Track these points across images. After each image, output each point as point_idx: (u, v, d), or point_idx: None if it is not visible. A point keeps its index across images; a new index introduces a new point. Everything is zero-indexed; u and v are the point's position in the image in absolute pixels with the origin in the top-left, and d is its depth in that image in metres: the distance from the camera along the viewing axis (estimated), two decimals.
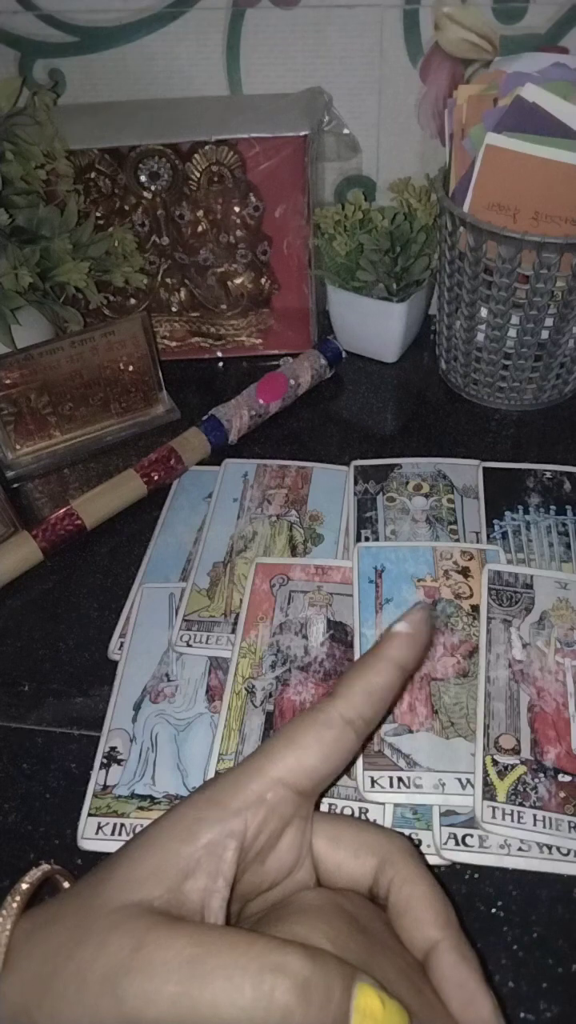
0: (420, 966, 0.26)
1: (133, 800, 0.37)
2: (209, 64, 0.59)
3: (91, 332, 0.54)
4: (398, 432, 0.58)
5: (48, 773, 0.39)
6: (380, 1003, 0.22)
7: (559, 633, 0.41)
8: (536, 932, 0.33)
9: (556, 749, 0.37)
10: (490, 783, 0.35)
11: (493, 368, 0.57)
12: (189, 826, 0.25)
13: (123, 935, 0.22)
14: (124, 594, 0.47)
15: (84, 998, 0.21)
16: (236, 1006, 0.21)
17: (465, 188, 0.50)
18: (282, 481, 0.53)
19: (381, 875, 0.28)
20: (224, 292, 0.62)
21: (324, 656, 0.42)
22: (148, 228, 0.59)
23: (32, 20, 0.58)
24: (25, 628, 0.47)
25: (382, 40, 0.57)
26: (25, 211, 0.53)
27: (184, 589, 0.46)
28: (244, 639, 0.43)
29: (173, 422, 0.60)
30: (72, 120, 0.56)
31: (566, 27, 0.55)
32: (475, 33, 0.55)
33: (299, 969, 0.21)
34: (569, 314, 0.52)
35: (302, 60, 0.58)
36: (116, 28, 0.58)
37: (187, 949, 0.22)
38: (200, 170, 0.56)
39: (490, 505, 0.50)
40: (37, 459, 0.57)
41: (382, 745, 0.37)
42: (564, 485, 0.51)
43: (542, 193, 0.47)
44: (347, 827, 0.29)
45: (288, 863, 0.28)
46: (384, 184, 0.63)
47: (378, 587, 0.44)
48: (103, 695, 0.42)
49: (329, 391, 0.62)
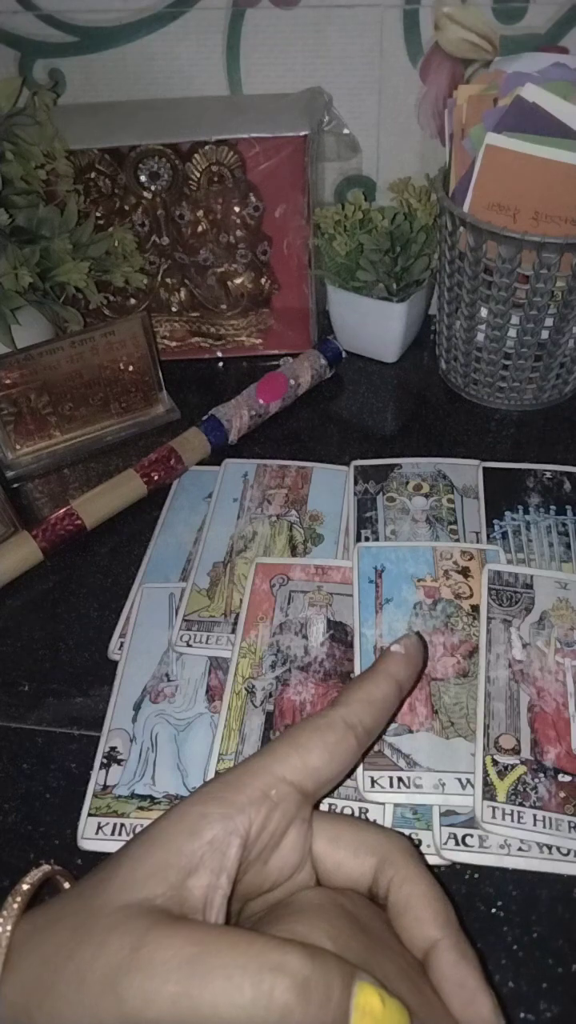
0: (420, 965, 0.26)
1: (133, 800, 0.37)
2: (209, 64, 0.59)
3: (91, 332, 0.54)
4: (398, 432, 0.58)
5: (48, 773, 0.39)
6: (380, 1001, 0.22)
7: (559, 633, 0.41)
8: (536, 932, 0.33)
9: (556, 749, 0.37)
10: (490, 783, 0.35)
11: (493, 368, 0.57)
12: (193, 823, 0.25)
13: (123, 935, 0.22)
14: (124, 594, 0.47)
15: (84, 998, 0.22)
16: (236, 1005, 0.21)
17: (465, 188, 0.50)
18: (282, 481, 0.53)
19: (381, 874, 0.28)
20: (224, 292, 0.62)
21: (324, 656, 0.42)
22: (148, 228, 0.59)
23: (32, 20, 0.58)
24: (25, 628, 0.47)
25: (382, 40, 0.57)
26: (25, 211, 0.53)
27: (184, 589, 0.46)
28: (244, 639, 0.43)
29: (173, 422, 0.60)
30: (72, 120, 0.56)
31: (566, 27, 0.55)
32: (475, 33, 0.55)
33: (298, 968, 0.21)
34: (569, 314, 0.52)
35: (302, 60, 0.58)
36: (116, 28, 0.58)
37: (187, 948, 0.22)
38: (200, 170, 0.56)
39: (490, 505, 0.50)
40: (37, 459, 0.57)
41: (382, 745, 0.37)
42: (564, 485, 0.51)
43: (542, 193, 0.47)
44: (347, 826, 0.29)
45: (290, 864, 0.28)
46: (384, 184, 0.63)
47: (378, 587, 0.44)
48: (103, 695, 0.42)
49: (329, 391, 0.62)
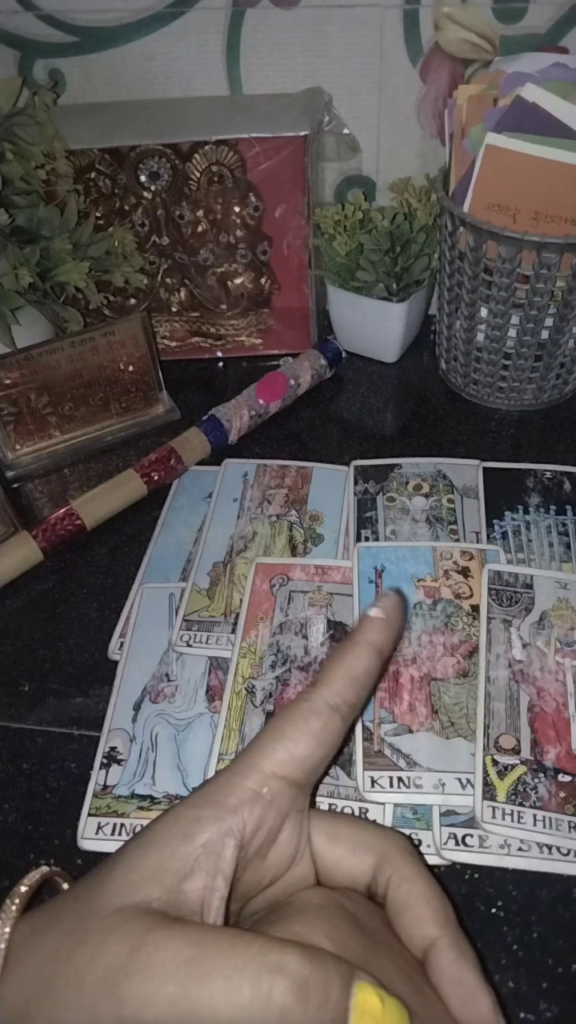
0: (419, 964, 0.26)
1: (133, 800, 0.37)
2: (209, 64, 0.59)
3: (91, 332, 0.54)
4: (398, 432, 0.58)
5: (48, 773, 0.39)
6: (379, 1001, 0.22)
7: (559, 633, 0.41)
8: (536, 932, 0.33)
9: (556, 749, 0.37)
10: (490, 783, 0.35)
11: (493, 368, 0.57)
12: (187, 826, 0.25)
13: (121, 937, 0.22)
14: (124, 594, 0.47)
15: (83, 1000, 0.21)
16: (234, 1006, 0.21)
17: (465, 188, 0.50)
18: (282, 481, 0.53)
19: (379, 873, 0.28)
20: (224, 292, 0.62)
21: (324, 656, 0.42)
22: (148, 228, 0.59)
23: (32, 20, 0.58)
24: (25, 628, 0.47)
25: (382, 40, 0.57)
26: (25, 211, 0.53)
27: (184, 589, 0.46)
28: (244, 639, 0.43)
29: (173, 422, 0.60)
30: (72, 120, 0.56)
31: (566, 27, 0.55)
32: (475, 33, 0.55)
33: (297, 968, 0.21)
34: (569, 314, 0.52)
35: (302, 60, 0.58)
36: (116, 28, 0.58)
37: (185, 950, 0.22)
38: (200, 170, 0.56)
39: (490, 505, 0.50)
40: (37, 459, 0.57)
41: (382, 745, 0.37)
42: (564, 485, 0.51)
43: (542, 193, 0.47)
44: (346, 825, 0.29)
45: (287, 856, 0.28)
46: (384, 184, 0.63)
47: (378, 587, 0.44)
48: (103, 695, 0.42)
49: (329, 391, 0.62)
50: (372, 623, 0.31)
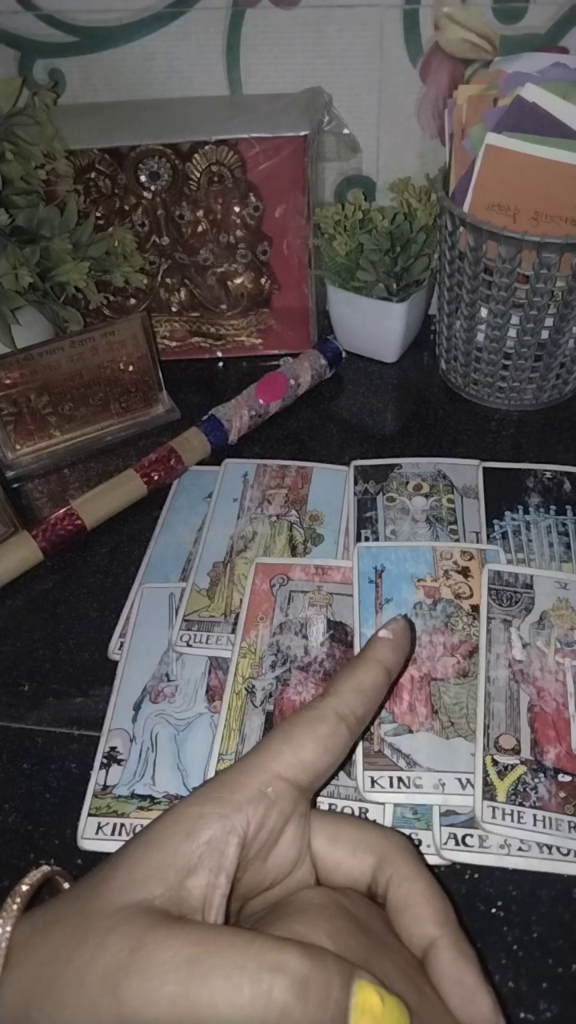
0: (420, 964, 0.26)
1: (133, 800, 0.37)
2: (209, 64, 0.59)
3: (91, 332, 0.54)
4: (398, 432, 0.58)
5: (48, 773, 0.39)
6: (379, 1000, 0.22)
7: (559, 633, 0.41)
8: (536, 932, 0.33)
9: (556, 749, 0.37)
10: (490, 783, 0.35)
11: (493, 368, 0.57)
12: (190, 823, 0.25)
13: (122, 936, 0.22)
14: (124, 594, 0.47)
15: (83, 999, 0.21)
16: (235, 1005, 0.21)
17: (465, 188, 0.50)
18: (282, 481, 0.53)
19: (379, 873, 0.28)
20: (224, 292, 0.62)
21: (324, 656, 0.42)
22: (148, 228, 0.59)
23: (32, 20, 0.58)
24: (25, 628, 0.47)
25: (382, 40, 0.57)
26: (25, 211, 0.53)
27: (184, 589, 0.46)
28: (244, 639, 0.43)
29: (173, 422, 0.60)
30: (72, 120, 0.56)
31: (566, 27, 0.55)
32: (475, 33, 0.55)
33: (297, 967, 0.21)
34: (569, 314, 0.52)
35: (302, 60, 0.58)
36: (116, 28, 0.58)
37: (185, 949, 0.22)
38: (200, 170, 0.56)
39: (490, 505, 0.50)
40: (37, 459, 0.57)
41: (382, 745, 0.37)
42: (564, 485, 0.51)
43: (542, 193, 0.47)
44: (346, 825, 0.29)
45: (289, 860, 0.28)
46: (384, 184, 0.63)
47: (378, 587, 0.44)
48: (103, 695, 0.42)
49: (329, 391, 0.62)
50: (381, 642, 0.33)
